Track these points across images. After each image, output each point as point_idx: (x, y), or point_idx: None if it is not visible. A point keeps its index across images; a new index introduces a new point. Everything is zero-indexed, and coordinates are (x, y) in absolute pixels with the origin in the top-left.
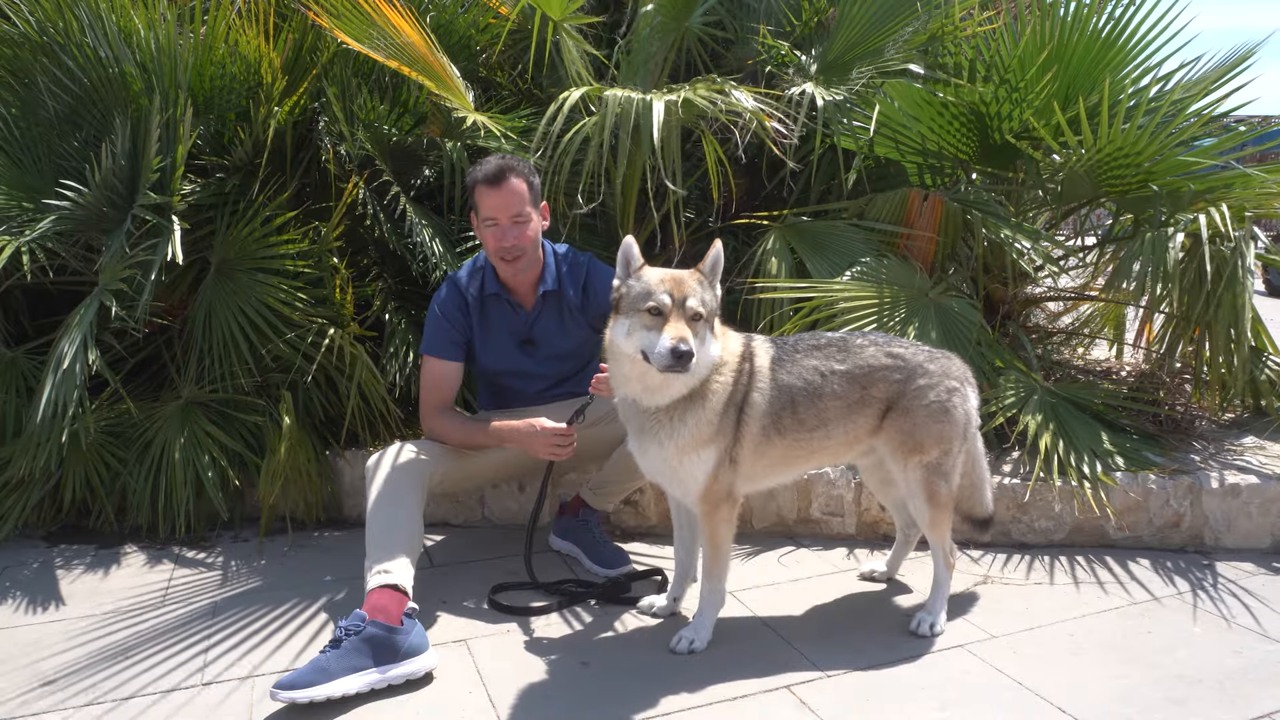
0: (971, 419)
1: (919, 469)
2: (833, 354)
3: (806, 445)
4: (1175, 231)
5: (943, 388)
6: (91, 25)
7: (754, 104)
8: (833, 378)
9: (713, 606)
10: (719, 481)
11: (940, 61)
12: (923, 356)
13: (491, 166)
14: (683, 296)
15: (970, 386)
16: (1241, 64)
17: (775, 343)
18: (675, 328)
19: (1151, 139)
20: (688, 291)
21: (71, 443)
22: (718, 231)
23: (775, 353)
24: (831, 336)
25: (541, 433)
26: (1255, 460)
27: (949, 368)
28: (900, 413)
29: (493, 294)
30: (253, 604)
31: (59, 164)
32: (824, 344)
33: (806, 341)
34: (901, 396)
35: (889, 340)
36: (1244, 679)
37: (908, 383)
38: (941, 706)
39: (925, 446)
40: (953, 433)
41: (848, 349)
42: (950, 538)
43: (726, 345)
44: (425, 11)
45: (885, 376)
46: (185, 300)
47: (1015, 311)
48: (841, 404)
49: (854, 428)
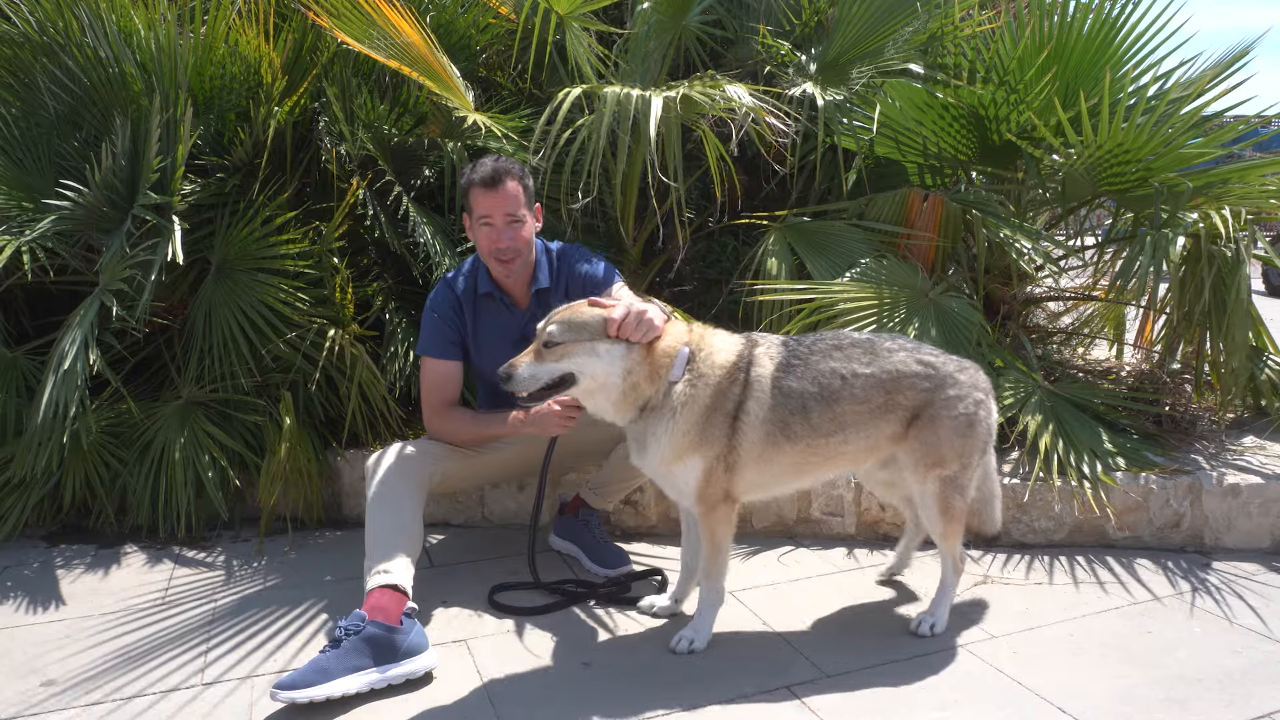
0: (992, 433)
1: (936, 482)
2: (856, 355)
3: (822, 451)
4: (1176, 233)
5: (971, 400)
6: (91, 25)
7: (751, 100)
8: (854, 381)
9: (712, 606)
10: (713, 485)
11: (940, 61)
12: (953, 366)
13: (487, 169)
14: (545, 325)
15: (992, 399)
16: (1238, 62)
17: (787, 345)
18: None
19: (1151, 135)
20: (551, 319)
21: (72, 443)
22: (718, 231)
23: (784, 357)
24: (856, 337)
25: (550, 410)
26: (1255, 460)
27: (977, 379)
28: (926, 422)
29: (486, 294)
30: (253, 604)
31: (59, 164)
32: (846, 345)
33: (826, 342)
34: (929, 406)
35: (918, 346)
36: (1244, 679)
37: (937, 392)
38: (941, 706)
39: (947, 460)
40: (974, 447)
41: (875, 351)
42: (960, 546)
43: (710, 358)
44: (425, 11)
45: (914, 384)
46: (185, 300)
47: (1015, 311)
48: (863, 409)
49: (876, 434)
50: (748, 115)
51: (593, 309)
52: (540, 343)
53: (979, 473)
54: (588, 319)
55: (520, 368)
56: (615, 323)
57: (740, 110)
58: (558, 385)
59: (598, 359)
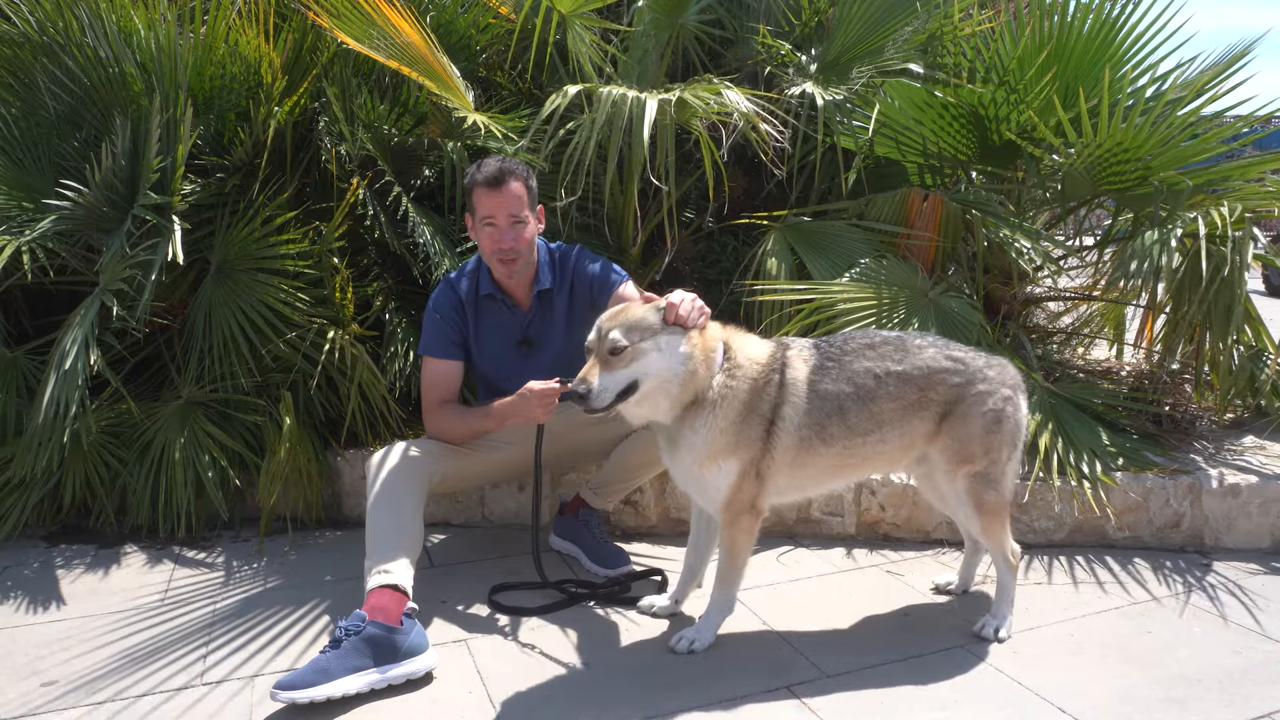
0: (1022, 428)
1: (966, 479)
2: (888, 354)
3: (859, 452)
4: (1174, 231)
5: (1000, 395)
6: (91, 25)
7: (749, 106)
8: (888, 379)
9: (720, 612)
10: (742, 493)
11: (940, 61)
12: (981, 361)
13: (491, 169)
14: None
15: (1022, 394)
16: (1238, 62)
17: (819, 348)
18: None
19: (1151, 133)
20: (607, 326)
21: (72, 443)
22: (717, 231)
23: (817, 360)
24: (887, 335)
25: (533, 396)
26: (1255, 460)
27: (1005, 374)
28: (957, 419)
29: (487, 295)
30: (253, 604)
31: (59, 164)
32: (878, 343)
33: (858, 341)
34: (960, 402)
35: (947, 343)
36: (1244, 678)
37: (967, 387)
38: (941, 706)
39: (975, 456)
40: (1003, 442)
41: (905, 348)
42: (1010, 540)
43: (744, 352)
44: (425, 11)
45: (945, 380)
46: (185, 300)
47: (1015, 311)
48: (897, 406)
49: (910, 432)
50: (744, 121)
51: (644, 306)
52: (605, 351)
53: (1014, 466)
54: (644, 316)
55: (595, 382)
56: (674, 307)
57: (735, 116)
58: (626, 393)
59: (661, 354)
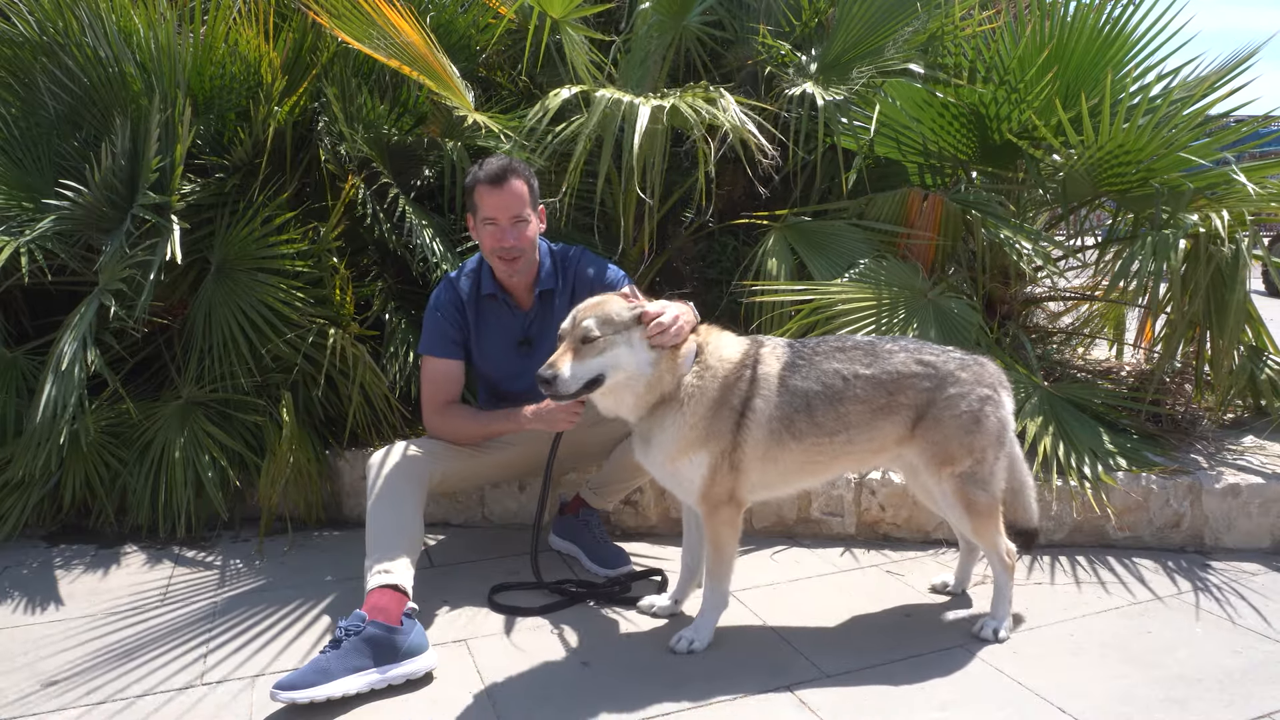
0: (1006, 426)
1: (951, 480)
2: (858, 357)
3: (827, 449)
4: (1177, 234)
5: (974, 396)
6: (91, 25)
7: (740, 118)
8: (856, 382)
9: (714, 608)
10: (717, 484)
11: (940, 61)
12: (954, 364)
13: (493, 167)
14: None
15: (1004, 391)
16: (1243, 65)
17: (792, 346)
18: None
19: (1153, 135)
20: (582, 315)
21: (71, 443)
22: (718, 231)
23: (789, 358)
24: (859, 340)
25: (559, 409)
26: (1255, 460)
27: (981, 375)
28: (931, 422)
29: (489, 294)
30: (253, 604)
31: (59, 164)
32: (849, 347)
33: (829, 344)
34: (932, 405)
35: (920, 346)
36: (1244, 678)
37: (938, 391)
38: (941, 706)
39: (957, 457)
40: (985, 442)
41: (875, 353)
42: (1004, 539)
43: (717, 353)
44: (425, 11)
45: (914, 384)
46: (185, 300)
47: (1015, 312)
48: (865, 409)
49: (879, 435)
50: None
51: (622, 301)
52: (576, 340)
53: (1002, 464)
54: (620, 311)
55: (563, 368)
56: (650, 315)
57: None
58: (592, 384)
59: (632, 351)
